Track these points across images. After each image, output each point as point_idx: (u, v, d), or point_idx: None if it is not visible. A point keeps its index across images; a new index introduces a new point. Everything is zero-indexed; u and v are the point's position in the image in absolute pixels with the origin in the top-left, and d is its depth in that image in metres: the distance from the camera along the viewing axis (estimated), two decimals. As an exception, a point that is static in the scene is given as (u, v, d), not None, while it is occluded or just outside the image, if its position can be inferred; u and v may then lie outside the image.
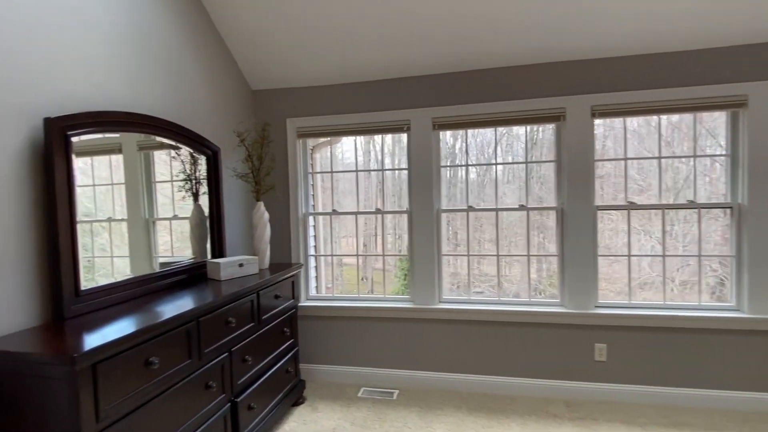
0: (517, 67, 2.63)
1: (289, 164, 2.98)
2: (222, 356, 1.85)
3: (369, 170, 3.18)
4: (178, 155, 2.29)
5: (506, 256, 2.88)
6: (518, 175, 3.00)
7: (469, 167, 2.87)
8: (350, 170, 3.10)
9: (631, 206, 2.59)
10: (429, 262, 2.77)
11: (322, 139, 3.10)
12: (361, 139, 3.28)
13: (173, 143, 2.15)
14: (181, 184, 2.31)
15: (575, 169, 2.59)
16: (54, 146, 1.48)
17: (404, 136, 2.94)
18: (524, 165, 2.78)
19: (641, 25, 2.31)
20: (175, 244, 2.21)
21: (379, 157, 3.34)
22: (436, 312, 2.75)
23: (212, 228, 2.42)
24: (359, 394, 2.71)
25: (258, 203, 2.52)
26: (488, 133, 2.98)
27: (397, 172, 3.09)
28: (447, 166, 2.92)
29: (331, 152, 3.20)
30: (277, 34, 2.57)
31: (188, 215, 2.28)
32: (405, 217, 2.87)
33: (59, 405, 1.20)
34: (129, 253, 1.87)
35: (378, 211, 2.94)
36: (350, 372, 2.90)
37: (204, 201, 2.40)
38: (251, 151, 2.51)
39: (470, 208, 2.79)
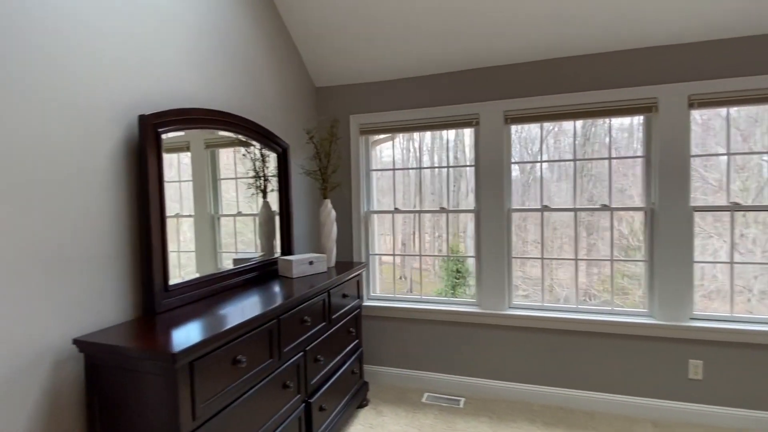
0: (601, 54, 2.41)
1: (351, 161, 2.93)
2: (298, 356, 1.82)
3: (435, 167, 3.06)
4: (248, 153, 2.29)
5: (583, 260, 2.66)
6: (567, 174, 2.82)
7: (513, 164, 2.69)
8: (413, 167, 3.00)
9: (735, 207, 2.30)
10: (498, 264, 2.62)
11: (376, 137, 3.03)
12: (401, 137, 3.20)
13: (248, 140, 2.16)
14: (251, 181, 2.32)
15: (668, 166, 2.33)
16: (147, 142, 1.50)
17: (445, 133, 2.82)
18: (606, 162, 2.55)
19: (745, 3, 2.03)
20: (243, 241, 2.22)
21: (417, 155, 3.24)
22: (506, 318, 2.60)
23: (282, 225, 2.42)
24: (423, 400, 2.62)
25: (325, 201, 2.49)
26: (533, 128, 2.78)
27: (436, 170, 2.96)
28: (519, 163, 2.75)
29: (393, 149, 3.13)
30: (342, 29, 2.53)
31: (253, 212, 2.28)
32: (444, 216, 2.73)
33: (158, 401, 1.19)
34: (203, 250, 1.88)
35: (442, 210, 2.82)
36: (413, 376, 2.81)
37: (271, 198, 2.40)
38: (319, 149, 2.48)
39: (545, 208, 2.61)
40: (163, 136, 1.59)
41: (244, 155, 2.28)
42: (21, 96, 1.19)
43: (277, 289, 1.92)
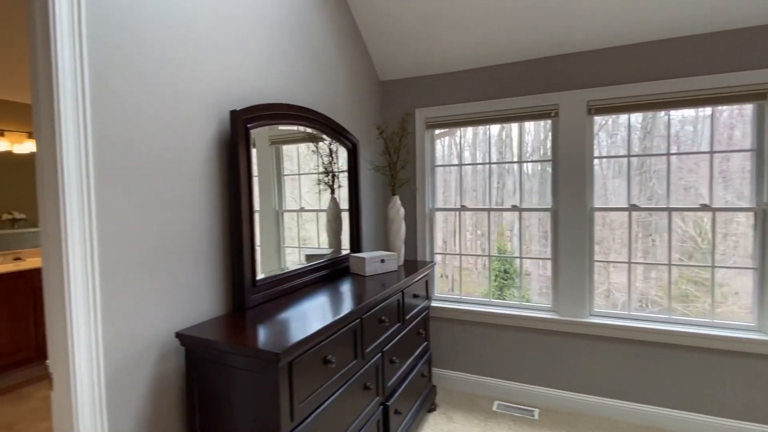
0: (704, 35, 2.16)
1: (417, 157, 2.85)
2: (377, 356, 1.76)
3: (506, 162, 2.91)
4: (317, 148, 2.28)
5: (677, 265, 2.41)
6: (621, 170, 2.58)
7: (595, 159, 2.46)
8: (481, 162, 2.87)
9: None
10: (578, 268, 2.44)
11: (437, 131, 2.93)
12: (464, 131, 3.06)
13: (320, 135, 2.14)
14: (319, 177, 2.30)
15: (787, 161, 2.05)
16: (239, 138, 1.50)
17: (492, 128, 2.68)
18: (709, 156, 2.29)
19: None
20: (311, 238, 2.20)
21: (458, 151, 3.11)
22: (587, 326, 2.41)
23: (351, 222, 2.38)
24: (494, 408, 2.49)
25: (394, 197, 2.43)
26: (597, 119, 2.56)
27: (479, 167, 2.82)
28: (603, 157, 2.54)
29: (461, 142, 3.01)
30: (408, 20, 2.44)
31: (315, 208, 2.25)
32: (487, 215, 2.57)
33: (258, 400, 1.17)
34: (270, 246, 1.86)
35: (515, 208, 2.67)
36: (482, 382, 2.68)
37: (339, 194, 2.36)
38: (389, 143, 2.42)
39: (633, 207, 2.39)
40: (252, 132, 1.59)
41: (313, 151, 2.27)
42: (145, 95, 1.22)
43: (352, 287, 1.88)
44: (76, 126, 1.08)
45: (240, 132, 1.51)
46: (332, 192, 2.37)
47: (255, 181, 1.85)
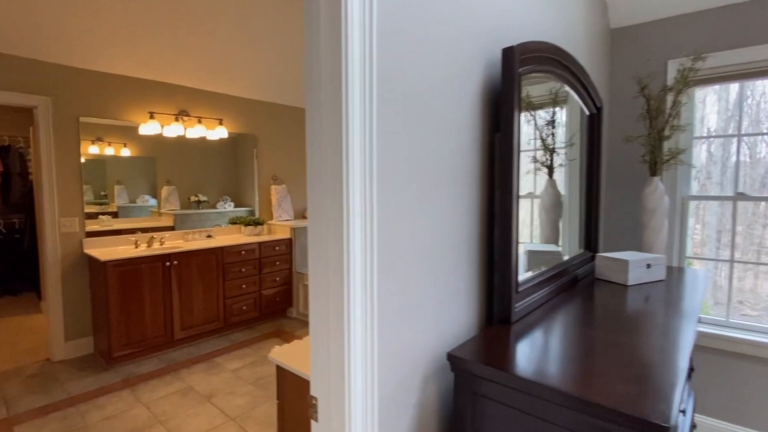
0: None
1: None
2: (680, 411, 1.20)
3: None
4: (532, 117, 1.75)
5: None
6: None
7: None
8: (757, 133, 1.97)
9: None
10: None
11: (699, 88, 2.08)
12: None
13: (571, 93, 1.61)
14: (539, 154, 1.78)
15: None
16: (513, 87, 1.08)
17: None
18: None
19: None
20: (527, 230, 1.72)
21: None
22: None
23: (590, 210, 1.82)
24: (801, 492, 1.69)
25: (653, 179, 1.78)
26: None
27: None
28: None
29: (739, 101, 2.13)
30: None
31: (524, 192, 1.73)
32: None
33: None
34: None
35: None
36: (767, 446, 1.88)
37: (558, 176, 1.81)
38: (652, 105, 1.76)
39: None
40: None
41: (528, 121, 1.76)
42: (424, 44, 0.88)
43: (617, 299, 1.34)
44: (362, 98, 0.78)
45: (513, 79, 1.08)
46: (550, 173, 1.84)
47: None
